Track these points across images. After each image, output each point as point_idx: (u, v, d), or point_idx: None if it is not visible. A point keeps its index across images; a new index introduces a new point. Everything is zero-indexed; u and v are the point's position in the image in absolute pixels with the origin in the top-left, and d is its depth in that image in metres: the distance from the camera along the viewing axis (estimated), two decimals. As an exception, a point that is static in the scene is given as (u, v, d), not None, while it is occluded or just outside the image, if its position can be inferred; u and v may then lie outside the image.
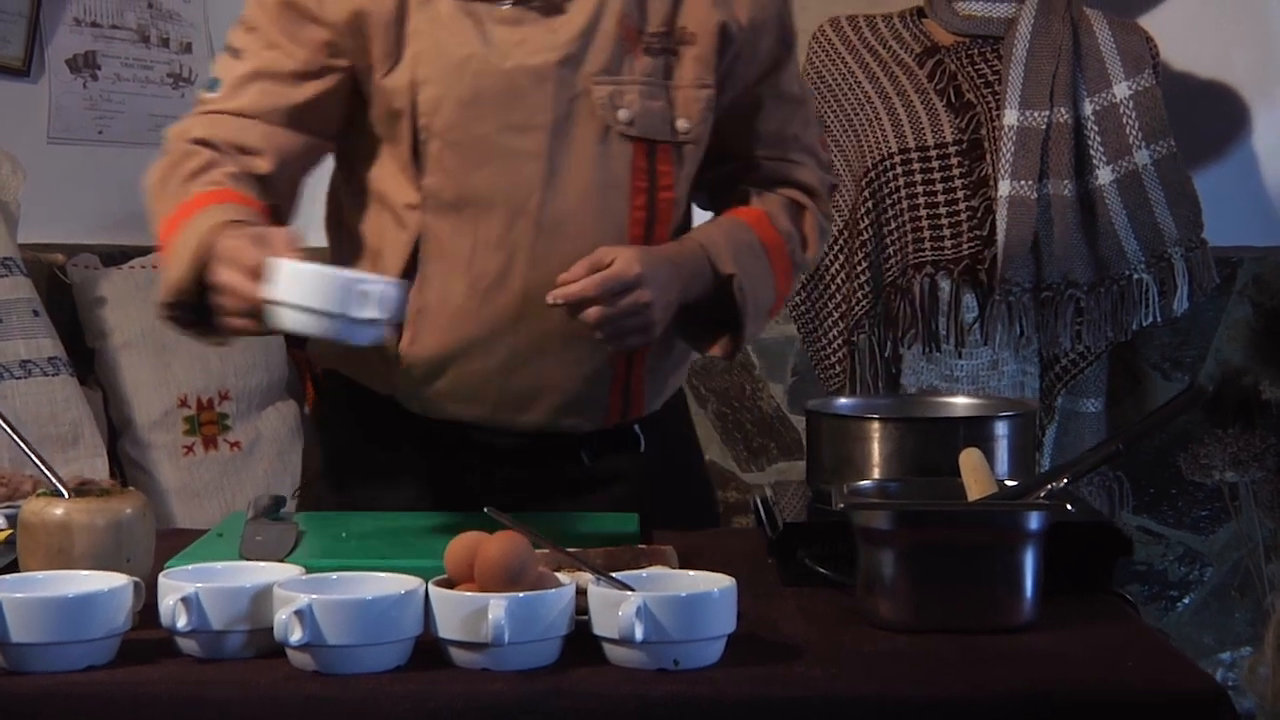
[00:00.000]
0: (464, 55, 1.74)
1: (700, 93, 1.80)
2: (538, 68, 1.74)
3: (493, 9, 1.75)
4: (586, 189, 1.77)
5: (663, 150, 1.80)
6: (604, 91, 1.76)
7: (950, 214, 2.85)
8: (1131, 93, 2.82)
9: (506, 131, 1.75)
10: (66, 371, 2.97)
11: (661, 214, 1.82)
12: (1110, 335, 2.83)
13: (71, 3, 3.39)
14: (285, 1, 1.78)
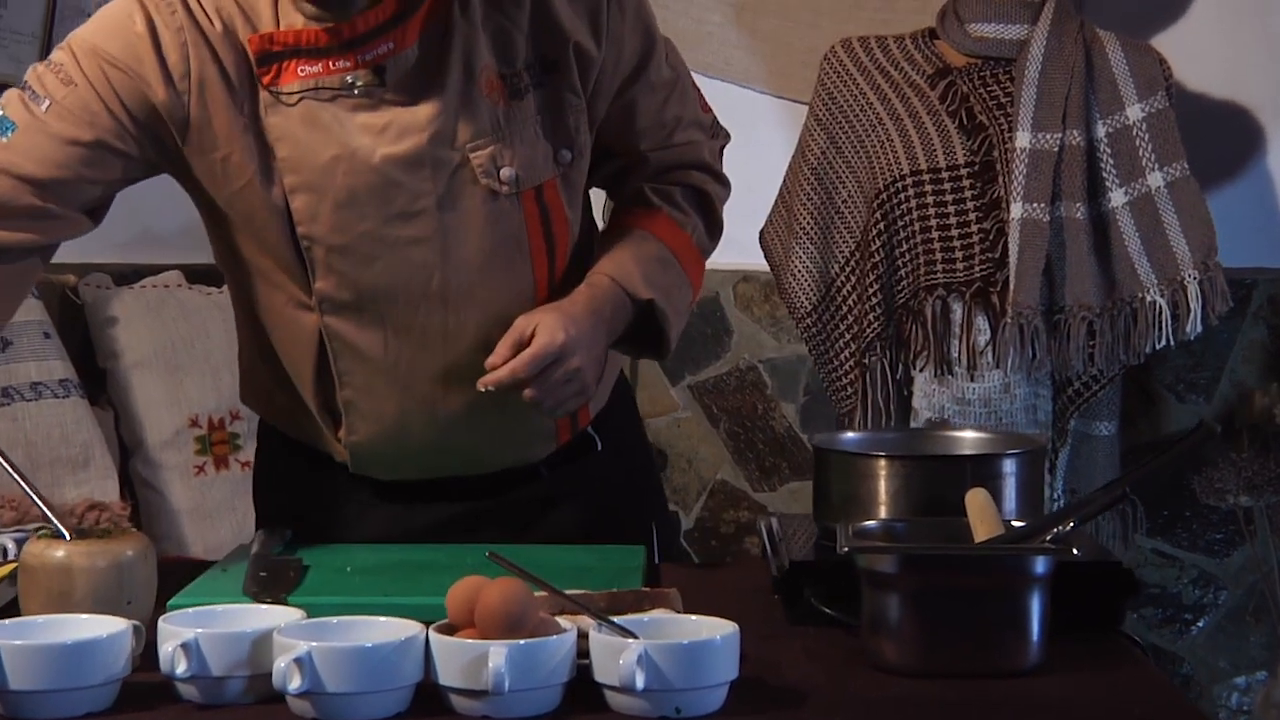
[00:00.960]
0: (330, 157, 1.68)
1: (574, 107, 1.77)
2: (409, 154, 1.69)
3: (347, 99, 1.68)
4: (485, 254, 1.75)
5: (550, 185, 1.77)
6: (484, 155, 1.72)
7: (962, 236, 2.83)
8: (1144, 115, 2.81)
9: (391, 223, 1.70)
10: (77, 393, 2.97)
11: (559, 241, 1.80)
12: (1123, 359, 2.81)
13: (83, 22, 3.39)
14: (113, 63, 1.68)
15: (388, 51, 1.68)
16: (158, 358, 3.33)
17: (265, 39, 1.68)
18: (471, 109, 1.71)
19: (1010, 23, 2.86)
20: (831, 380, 3.04)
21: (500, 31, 1.73)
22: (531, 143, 1.74)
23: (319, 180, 1.69)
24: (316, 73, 1.67)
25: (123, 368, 3.30)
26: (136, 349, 3.31)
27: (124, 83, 1.68)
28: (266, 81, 1.68)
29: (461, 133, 1.71)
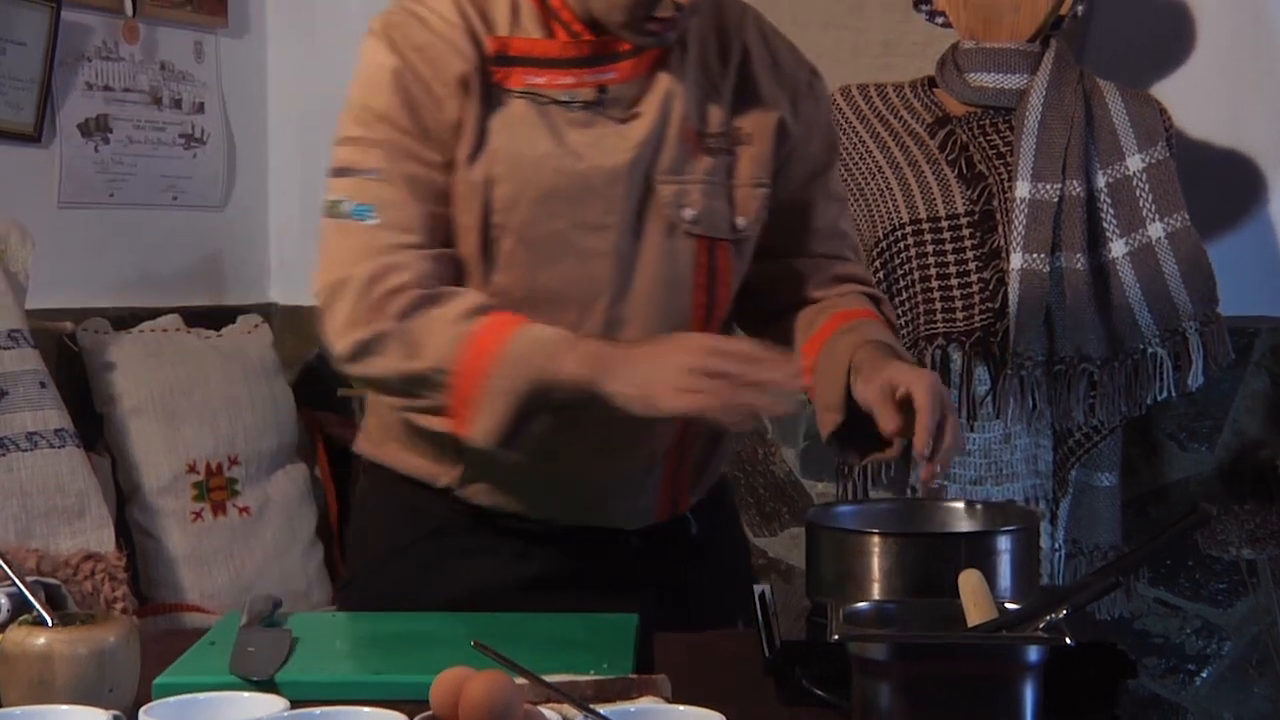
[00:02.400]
0: (539, 154, 1.76)
1: (757, 191, 1.85)
2: (611, 168, 1.77)
3: (564, 111, 1.77)
4: (653, 285, 1.80)
5: (721, 247, 1.84)
6: (670, 190, 1.80)
7: (962, 285, 2.82)
8: (1145, 165, 2.79)
9: (579, 230, 1.77)
10: (73, 443, 2.96)
11: (719, 308, 1.87)
12: (1124, 410, 2.80)
13: (84, 68, 3.40)
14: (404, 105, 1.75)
15: (610, 79, 1.78)
16: (155, 403, 3.32)
17: (503, 43, 1.77)
18: (669, 148, 1.80)
19: (1009, 72, 2.85)
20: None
21: (705, 94, 1.83)
22: (714, 197, 1.82)
23: (524, 173, 1.76)
24: (541, 84, 1.77)
25: (120, 413, 3.30)
26: (134, 394, 3.30)
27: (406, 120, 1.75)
28: (495, 80, 1.77)
29: (658, 163, 1.80)
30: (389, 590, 1.92)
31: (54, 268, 3.29)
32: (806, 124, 1.89)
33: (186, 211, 3.72)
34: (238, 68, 3.83)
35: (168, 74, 3.62)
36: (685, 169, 1.80)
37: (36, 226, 3.14)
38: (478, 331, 1.68)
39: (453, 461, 1.87)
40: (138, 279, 3.59)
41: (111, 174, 3.50)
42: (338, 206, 1.76)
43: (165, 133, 3.63)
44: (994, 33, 2.87)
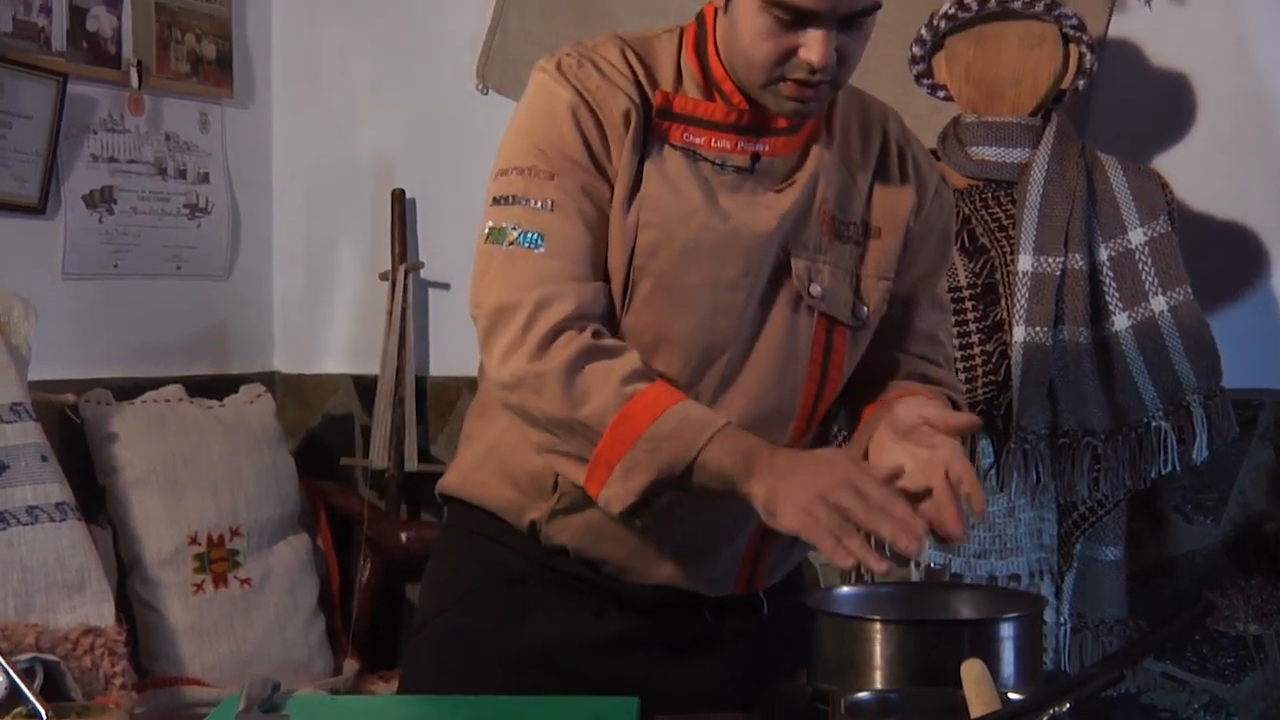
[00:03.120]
0: (690, 207, 1.79)
1: (881, 283, 1.89)
2: (757, 232, 1.80)
3: (716, 173, 1.81)
4: (772, 352, 1.83)
5: (839, 330, 1.87)
6: (803, 265, 1.83)
7: (965, 358, 2.81)
8: (1147, 239, 2.79)
9: (716, 286, 1.80)
10: (74, 516, 2.95)
11: (829, 389, 1.89)
12: (1128, 484, 2.78)
13: (89, 140, 3.42)
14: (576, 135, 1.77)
15: (765, 150, 1.83)
16: (157, 474, 3.31)
17: (668, 98, 1.82)
18: (807, 225, 1.84)
19: (1011, 146, 2.86)
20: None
21: (845, 182, 1.87)
22: (840, 282, 1.86)
23: (672, 223, 1.79)
24: (699, 143, 1.81)
25: (122, 485, 3.29)
26: (136, 465, 3.30)
27: (581, 153, 1.78)
28: (656, 131, 1.81)
29: (798, 237, 1.83)
30: (463, 637, 1.92)
31: (57, 339, 3.30)
32: (928, 226, 1.93)
33: (190, 281, 3.72)
34: (243, 138, 3.85)
35: (173, 145, 3.64)
36: (820, 249, 1.85)
37: (40, 298, 3.15)
38: (636, 399, 1.69)
39: (546, 495, 1.87)
40: (141, 349, 3.59)
41: (116, 245, 3.52)
42: (503, 233, 1.76)
43: (170, 203, 3.64)
44: (996, 106, 2.88)
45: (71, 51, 3.35)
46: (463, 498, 1.96)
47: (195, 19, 3.66)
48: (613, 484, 1.69)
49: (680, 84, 1.83)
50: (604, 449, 1.69)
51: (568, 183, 1.77)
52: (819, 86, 1.75)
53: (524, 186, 1.77)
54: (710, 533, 1.87)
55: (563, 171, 1.77)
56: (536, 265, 1.74)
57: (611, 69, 1.81)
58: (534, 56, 3.49)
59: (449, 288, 3.80)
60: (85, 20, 3.38)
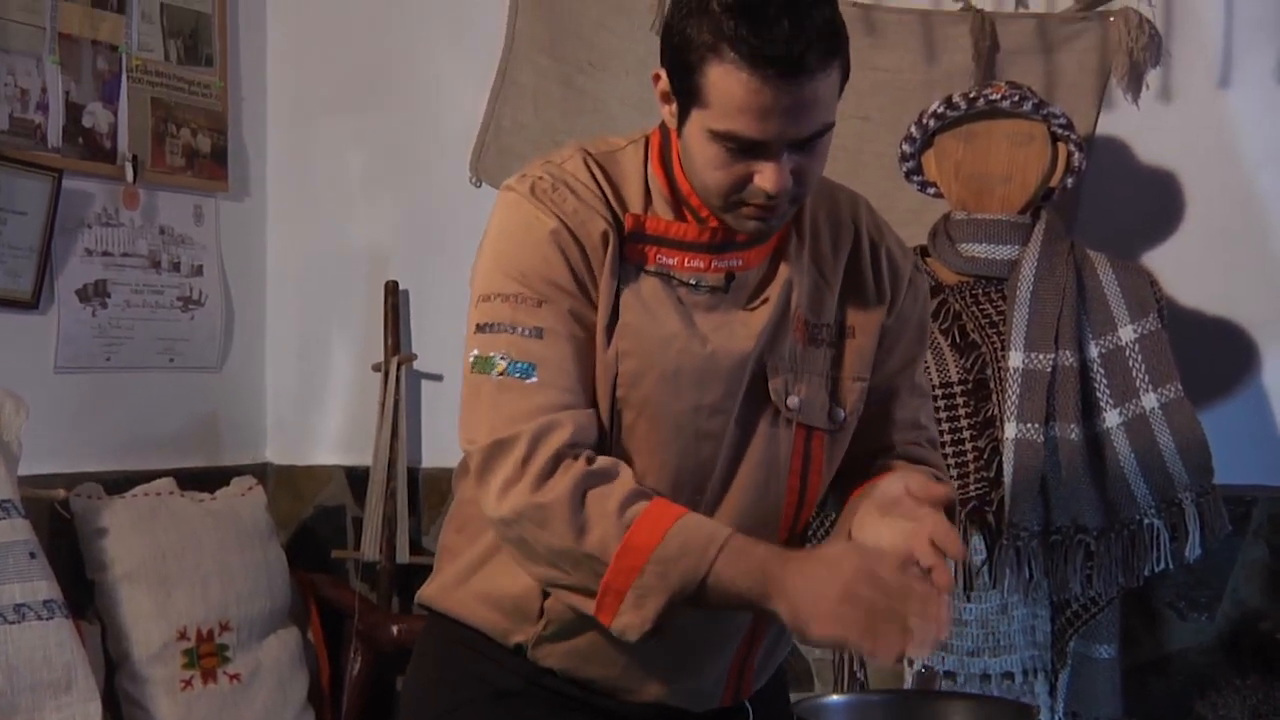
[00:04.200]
0: (669, 333, 1.77)
1: (857, 384, 1.87)
2: (737, 353, 1.79)
3: (691, 293, 1.80)
4: (755, 469, 1.82)
5: (818, 436, 1.86)
6: (780, 380, 1.82)
7: (957, 454, 2.81)
8: (1137, 336, 2.80)
9: (699, 412, 1.78)
10: (61, 613, 2.93)
11: (810, 495, 1.87)
12: (1121, 581, 2.77)
13: (84, 234, 3.43)
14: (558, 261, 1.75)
15: (738, 266, 1.81)
16: (147, 569, 3.30)
17: (639, 221, 1.79)
18: (782, 336, 1.82)
19: (1001, 243, 2.87)
20: (827, 597, 2.99)
21: (817, 284, 1.86)
22: (815, 388, 1.84)
23: (652, 351, 1.77)
24: (673, 264, 1.79)
25: (111, 579, 3.27)
26: (126, 560, 3.28)
27: (567, 279, 1.76)
28: (629, 255, 1.79)
29: (773, 353, 1.82)
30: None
31: (49, 433, 3.29)
32: (903, 320, 1.91)
33: (183, 373, 3.73)
34: (237, 231, 3.87)
35: (167, 238, 3.66)
36: (795, 358, 1.83)
37: (32, 392, 3.15)
38: (637, 524, 1.67)
39: (532, 621, 1.85)
40: (132, 442, 3.59)
41: (109, 338, 3.52)
42: (491, 363, 1.73)
43: (163, 295, 3.65)
44: (985, 204, 2.90)
45: (67, 147, 3.37)
46: (444, 612, 1.93)
47: (191, 113, 3.69)
48: (625, 613, 1.67)
49: (649, 201, 1.80)
50: (611, 578, 1.66)
51: (555, 309, 1.75)
52: (780, 208, 1.74)
53: (510, 314, 1.75)
54: (698, 649, 1.86)
55: (549, 298, 1.75)
56: (529, 395, 1.72)
57: (585, 190, 1.78)
58: (527, 149, 3.54)
59: (442, 379, 3.80)
60: (81, 116, 3.41)
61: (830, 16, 1.66)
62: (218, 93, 3.76)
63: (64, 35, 3.35)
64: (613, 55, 3.56)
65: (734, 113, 1.65)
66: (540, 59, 3.61)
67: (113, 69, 3.48)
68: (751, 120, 1.65)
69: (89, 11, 3.42)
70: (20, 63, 3.27)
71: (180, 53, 3.66)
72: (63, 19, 3.35)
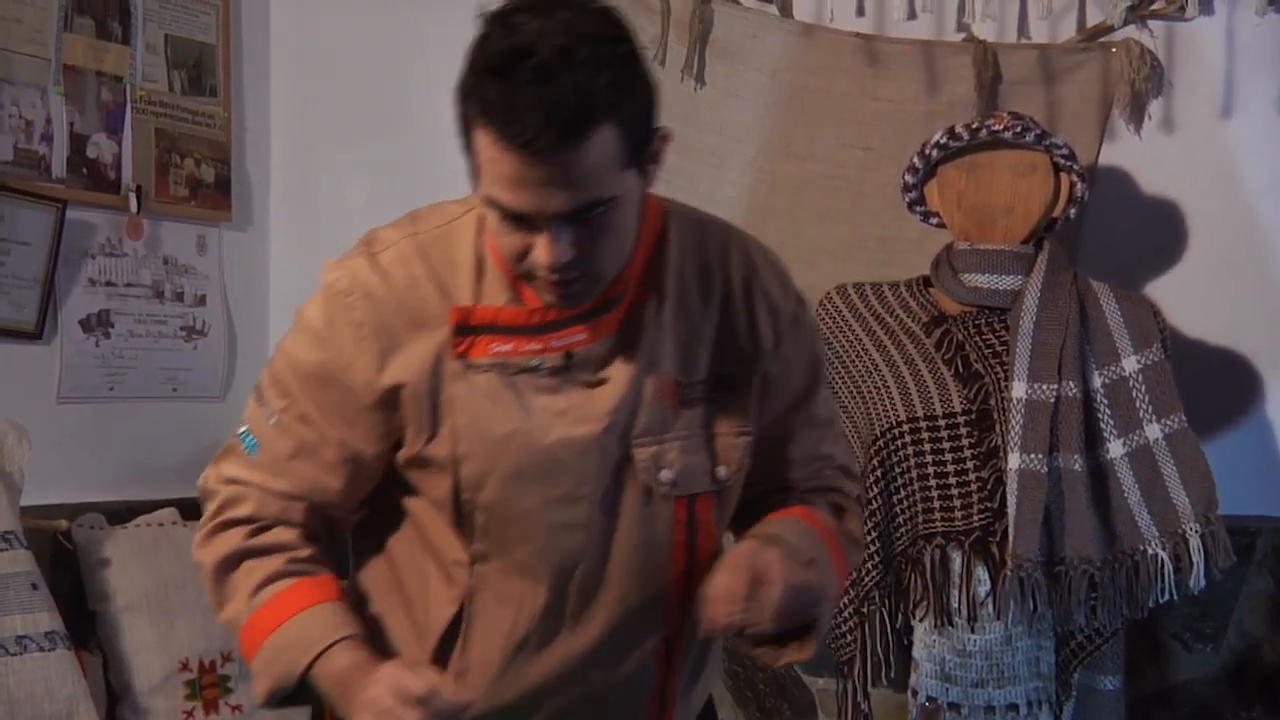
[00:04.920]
0: (506, 431, 1.70)
1: (739, 440, 1.77)
2: (581, 439, 1.70)
3: (531, 379, 1.71)
4: (631, 550, 1.75)
5: (702, 500, 1.77)
6: (646, 454, 1.73)
7: (960, 485, 2.81)
8: (1140, 367, 2.80)
9: (552, 505, 1.71)
10: (63, 645, 2.93)
11: (700, 560, 1.78)
12: (1126, 612, 2.76)
13: (87, 264, 3.44)
14: (316, 375, 1.73)
15: (579, 341, 1.71)
16: (149, 600, 3.29)
17: (465, 313, 1.70)
18: (644, 407, 1.73)
19: (1004, 274, 2.87)
20: (830, 628, 2.99)
21: (686, 340, 1.75)
22: (693, 452, 1.74)
23: (491, 451, 1.70)
24: (507, 351, 1.70)
25: (113, 610, 3.26)
26: (128, 591, 3.27)
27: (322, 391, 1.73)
28: (459, 352, 1.70)
29: (630, 427, 1.72)
30: None
31: (52, 463, 3.28)
32: (787, 359, 1.81)
33: (186, 403, 3.72)
34: (240, 260, 3.87)
35: (170, 268, 3.66)
36: (663, 428, 1.73)
37: (35, 422, 3.15)
38: (267, 602, 1.72)
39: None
40: (135, 472, 3.58)
41: (112, 368, 3.52)
42: (239, 426, 1.81)
43: (166, 325, 3.65)
44: (988, 234, 2.90)
45: (71, 178, 3.38)
46: None
47: (195, 144, 3.70)
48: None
49: (481, 278, 1.71)
50: (242, 649, 1.75)
51: (294, 408, 1.74)
52: (573, 282, 1.64)
53: (270, 393, 1.76)
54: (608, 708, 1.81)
55: (295, 394, 1.74)
56: (242, 466, 1.77)
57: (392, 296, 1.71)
58: (530, 181, 3.54)
59: (445, 409, 3.79)
60: (86, 147, 3.42)
61: (586, 84, 1.52)
62: (221, 123, 3.77)
63: (68, 66, 3.36)
64: (615, 85, 3.57)
65: (495, 181, 1.58)
66: (543, 89, 3.62)
67: (117, 100, 3.49)
68: (508, 191, 1.58)
69: (93, 43, 3.43)
70: (25, 94, 3.27)
71: (184, 83, 3.67)
72: (67, 50, 3.36)
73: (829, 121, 3.40)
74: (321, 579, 1.73)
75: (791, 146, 3.44)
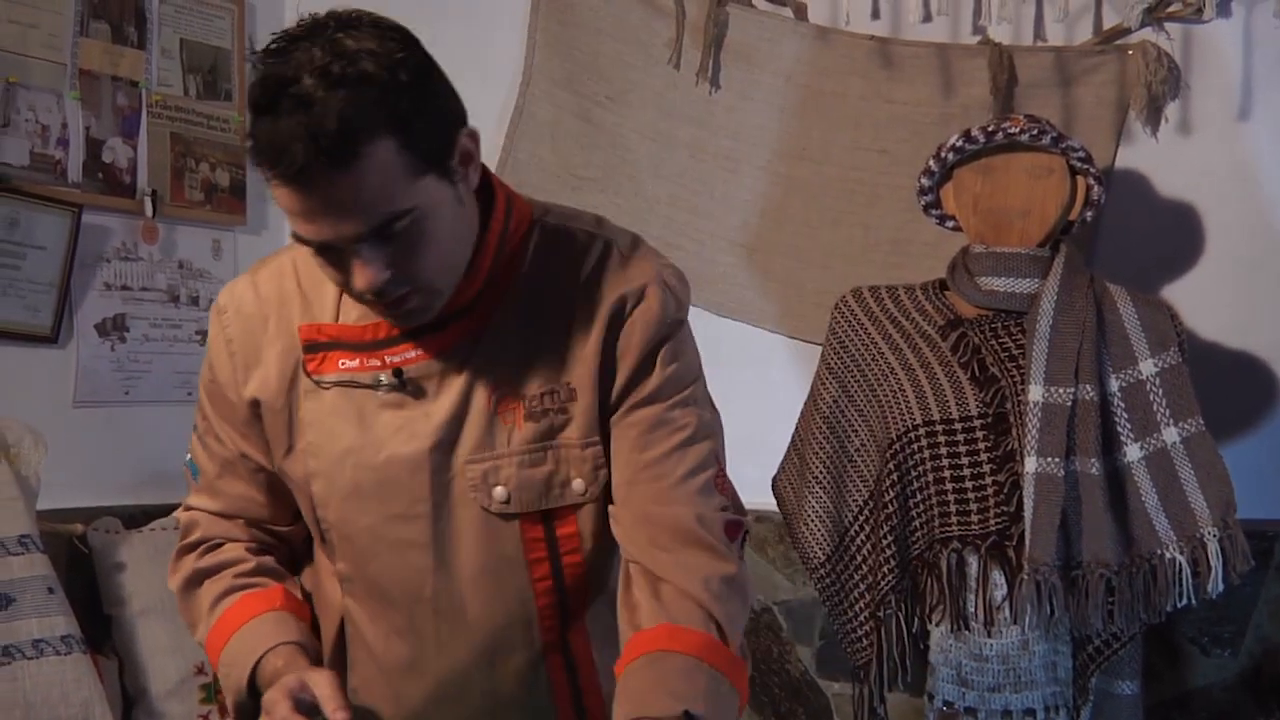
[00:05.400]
0: (343, 449, 1.72)
1: (589, 450, 1.72)
2: (410, 456, 1.70)
3: (373, 395, 1.71)
4: (477, 572, 1.73)
5: (563, 516, 1.73)
6: (476, 472, 1.70)
7: (977, 488, 2.79)
8: (1158, 370, 2.79)
9: (391, 522, 1.72)
10: (79, 649, 2.93)
11: (571, 580, 1.75)
12: (1143, 617, 2.74)
13: (103, 269, 3.44)
14: (209, 392, 1.82)
15: (411, 359, 1.70)
16: (165, 603, 3.29)
17: (314, 329, 1.72)
18: (479, 425, 1.70)
19: (1020, 277, 2.86)
20: (846, 632, 2.98)
21: (530, 355, 1.71)
22: (534, 467, 1.70)
23: (331, 470, 1.73)
24: (354, 367, 1.71)
25: (129, 615, 3.26)
26: (143, 595, 3.27)
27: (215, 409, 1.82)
28: (311, 368, 1.73)
29: (463, 445, 1.70)
30: None
31: (67, 467, 3.29)
32: (619, 355, 1.71)
33: (201, 407, 3.73)
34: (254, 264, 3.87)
35: (185, 272, 3.66)
36: (497, 444, 1.69)
37: (51, 427, 3.15)
38: (215, 622, 1.78)
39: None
40: (150, 476, 3.59)
41: (127, 372, 3.53)
42: (186, 453, 1.89)
43: (181, 330, 3.66)
44: (1004, 238, 2.89)
45: (87, 182, 3.38)
46: None
47: (210, 148, 3.70)
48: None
49: (343, 306, 1.72)
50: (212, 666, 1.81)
51: (206, 427, 1.83)
52: (405, 299, 1.61)
53: (197, 417, 1.86)
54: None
55: (206, 414, 1.83)
56: (193, 492, 1.87)
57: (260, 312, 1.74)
58: (546, 185, 3.55)
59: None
60: (101, 152, 3.42)
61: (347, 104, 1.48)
62: (236, 127, 3.77)
63: (84, 71, 3.37)
64: (631, 89, 3.57)
65: (290, 216, 1.56)
66: (558, 93, 3.62)
67: (132, 104, 3.50)
68: (301, 224, 1.55)
69: (109, 47, 3.43)
70: (41, 99, 3.28)
71: (199, 88, 3.68)
72: (83, 55, 3.36)
73: (844, 125, 3.40)
74: (264, 592, 1.77)
75: (806, 150, 3.44)
